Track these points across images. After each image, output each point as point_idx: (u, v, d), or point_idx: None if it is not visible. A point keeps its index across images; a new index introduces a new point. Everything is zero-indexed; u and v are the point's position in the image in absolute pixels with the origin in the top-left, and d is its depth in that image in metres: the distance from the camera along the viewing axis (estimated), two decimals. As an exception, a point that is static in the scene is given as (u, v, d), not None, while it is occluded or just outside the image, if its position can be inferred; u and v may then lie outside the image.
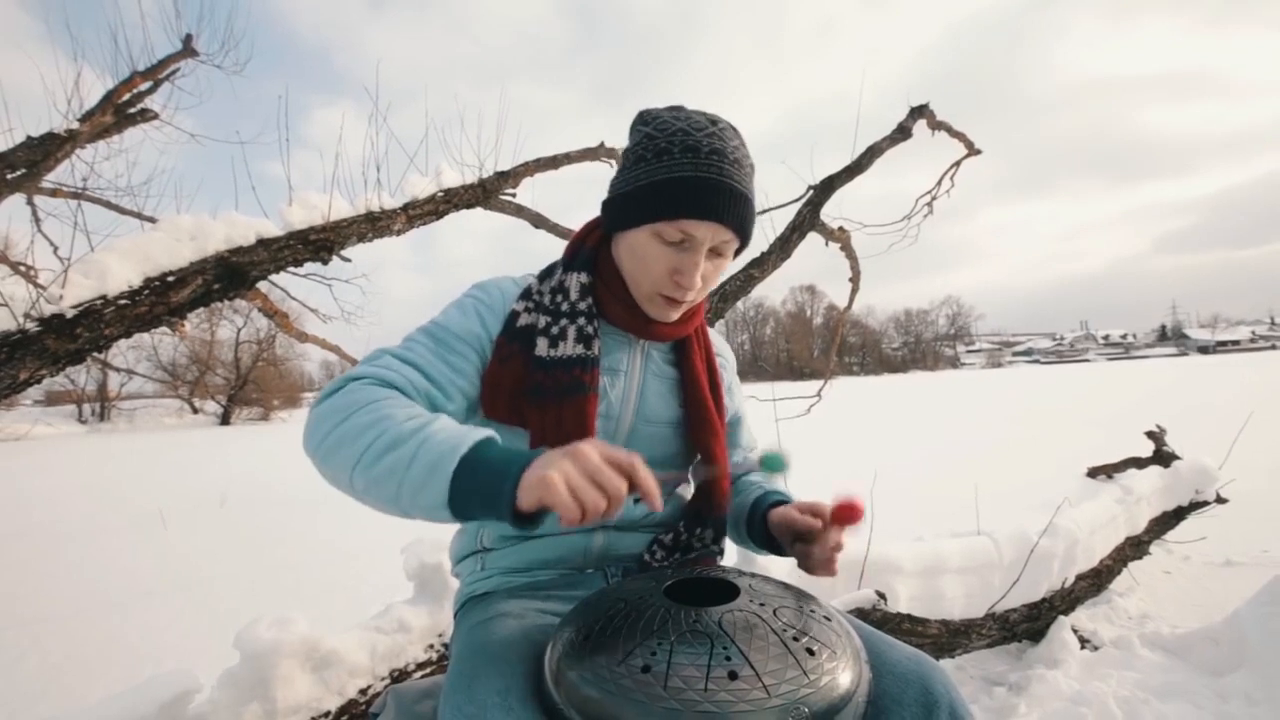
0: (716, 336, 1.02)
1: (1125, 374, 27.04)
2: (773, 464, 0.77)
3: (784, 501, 0.88)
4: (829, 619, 0.64)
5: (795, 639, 0.58)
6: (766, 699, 0.52)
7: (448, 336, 0.79)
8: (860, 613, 1.53)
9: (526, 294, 0.84)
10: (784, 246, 2.55)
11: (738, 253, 0.82)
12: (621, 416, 0.85)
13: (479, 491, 0.58)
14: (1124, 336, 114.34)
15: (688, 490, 0.96)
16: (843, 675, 0.56)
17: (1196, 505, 2.52)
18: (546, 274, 0.86)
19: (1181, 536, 2.61)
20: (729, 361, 1.02)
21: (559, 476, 0.54)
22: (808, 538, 0.78)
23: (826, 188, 2.65)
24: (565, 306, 0.82)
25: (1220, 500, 2.56)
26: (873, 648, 0.68)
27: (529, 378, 0.79)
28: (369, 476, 0.62)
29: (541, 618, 0.77)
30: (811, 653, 0.57)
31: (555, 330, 0.80)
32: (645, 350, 0.88)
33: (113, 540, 4.35)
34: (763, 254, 2.51)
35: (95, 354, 1.88)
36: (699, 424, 0.87)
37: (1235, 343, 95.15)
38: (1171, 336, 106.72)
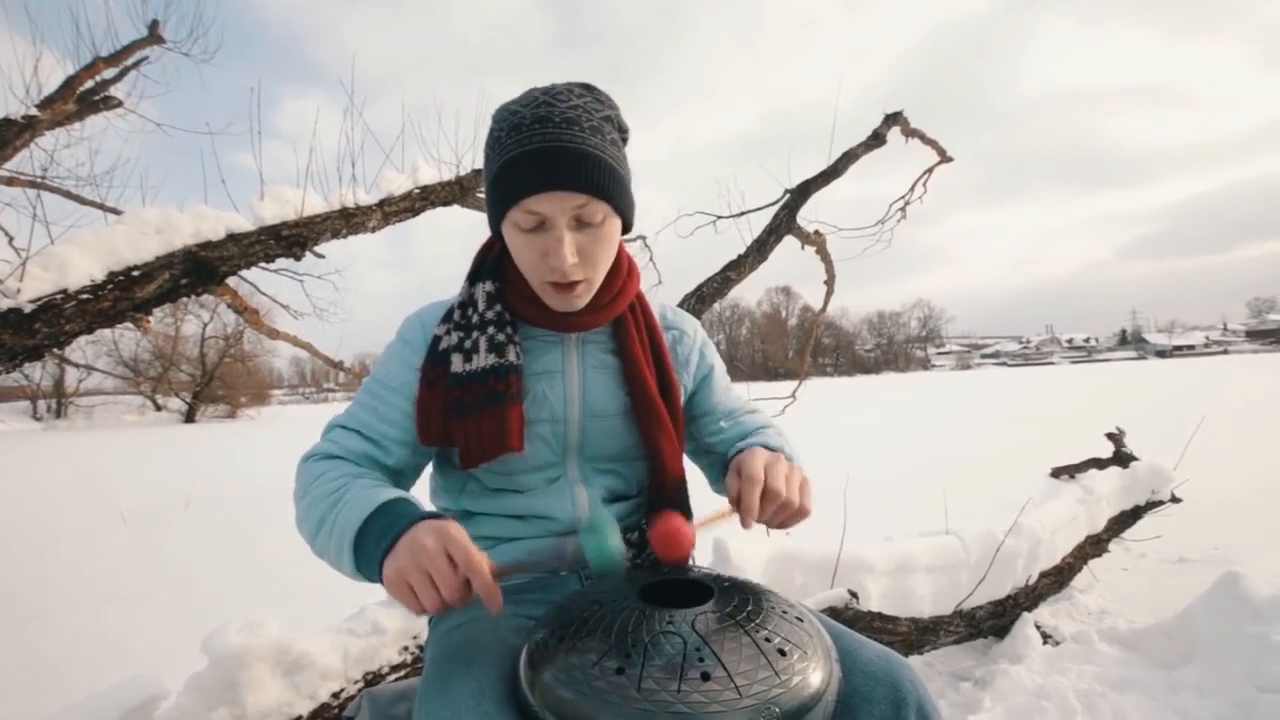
0: (675, 311, 0.98)
1: (1088, 376, 27.88)
2: (596, 557, 0.67)
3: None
4: (801, 620, 0.65)
5: (767, 640, 0.59)
6: (738, 699, 0.53)
7: (380, 389, 0.82)
8: (833, 611, 1.56)
9: (448, 315, 0.83)
10: (761, 249, 2.58)
11: (625, 218, 0.78)
12: (569, 417, 0.84)
13: (370, 570, 0.64)
14: (1087, 340, 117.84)
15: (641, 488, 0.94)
16: (813, 675, 0.58)
17: (1153, 504, 2.62)
18: (460, 292, 0.86)
19: (1138, 535, 2.71)
20: (686, 332, 0.96)
21: (394, 572, 0.60)
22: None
23: (803, 192, 2.69)
24: (475, 319, 0.81)
25: (1175, 500, 2.66)
26: (843, 646, 0.70)
27: (451, 396, 0.79)
28: (319, 553, 0.71)
29: (516, 620, 0.77)
30: (783, 653, 0.58)
31: (468, 344, 0.80)
32: (580, 345, 0.86)
33: (73, 543, 4.21)
34: (740, 256, 2.54)
35: (54, 350, 1.82)
36: (642, 415, 0.85)
37: (1190, 347, 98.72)
38: (1131, 341, 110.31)
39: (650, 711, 0.52)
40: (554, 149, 0.70)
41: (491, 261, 0.85)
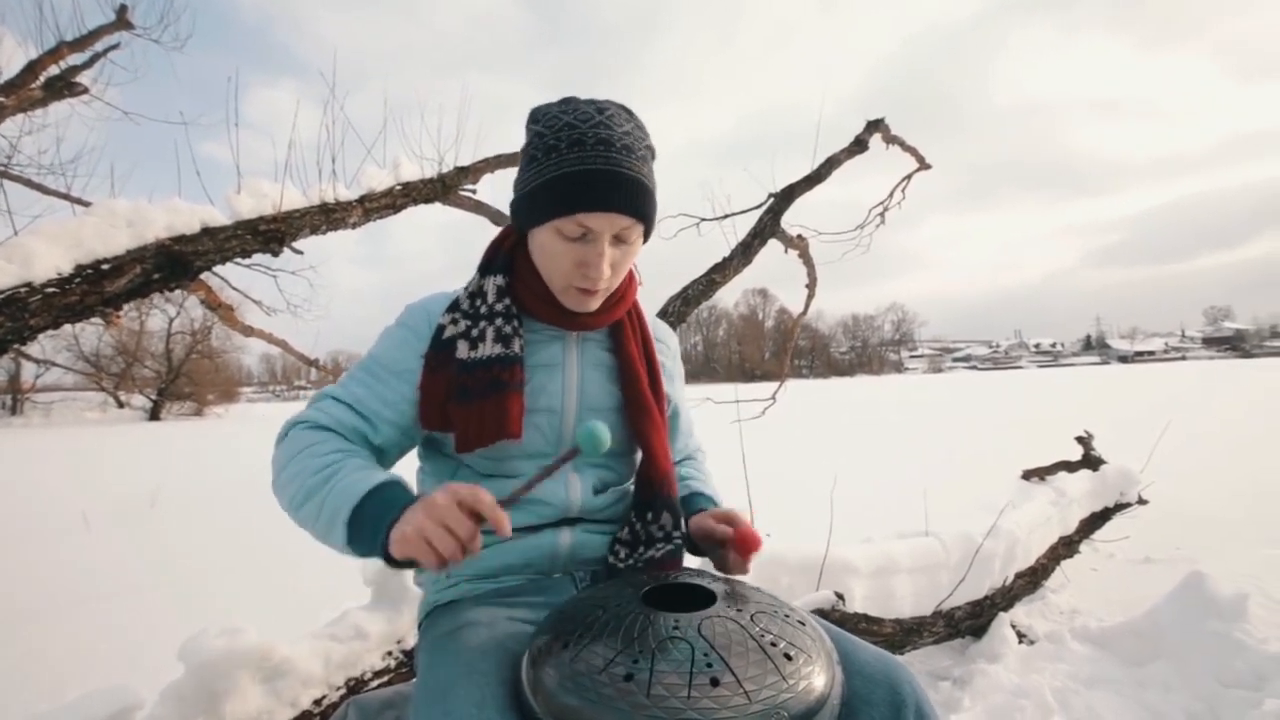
0: (657, 323, 1.04)
1: (1055, 380, 28.62)
2: (589, 442, 0.70)
3: (706, 507, 0.94)
4: (803, 623, 0.65)
5: (773, 644, 0.59)
6: (748, 705, 0.53)
7: (378, 369, 0.85)
8: (820, 613, 1.58)
9: (454, 305, 0.86)
10: (745, 252, 2.59)
11: (646, 236, 0.84)
12: (565, 410, 0.87)
13: (365, 542, 0.68)
14: (1053, 345, 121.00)
15: (629, 482, 0.96)
16: (818, 679, 0.58)
17: (1121, 506, 2.69)
18: (470, 283, 0.89)
19: (1107, 536, 2.78)
20: (670, 347, 1.04)
21: (412, 530, 0.63)
22: (723, 543, 0.85)
23: (787, 196, 2.71)
24: (484, 309, 0.85)
25: (1142, 502, 2.74)
26: (842, 649, 0.70)
27: (455, 382, 0.81)
28: (299, 520, 0.74)
29: (513, 625, 0.76)
30: (789, 657, 0.58)
31: (475, 333, 0.83)
32: (580, 342, 0.90)
33: (32, 545, 4.03)
34: (725, 259, 2.55)
35: (17, 345, 1.76)
36: (634, 409, 0.89)
37: (1151, 353, 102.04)
38: (1095, 346, 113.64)
39: (660, 719, 0.51)
40: (617, 174, 0.76)
41: (503, 256, 0.88)
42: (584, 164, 0.75)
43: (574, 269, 0.80)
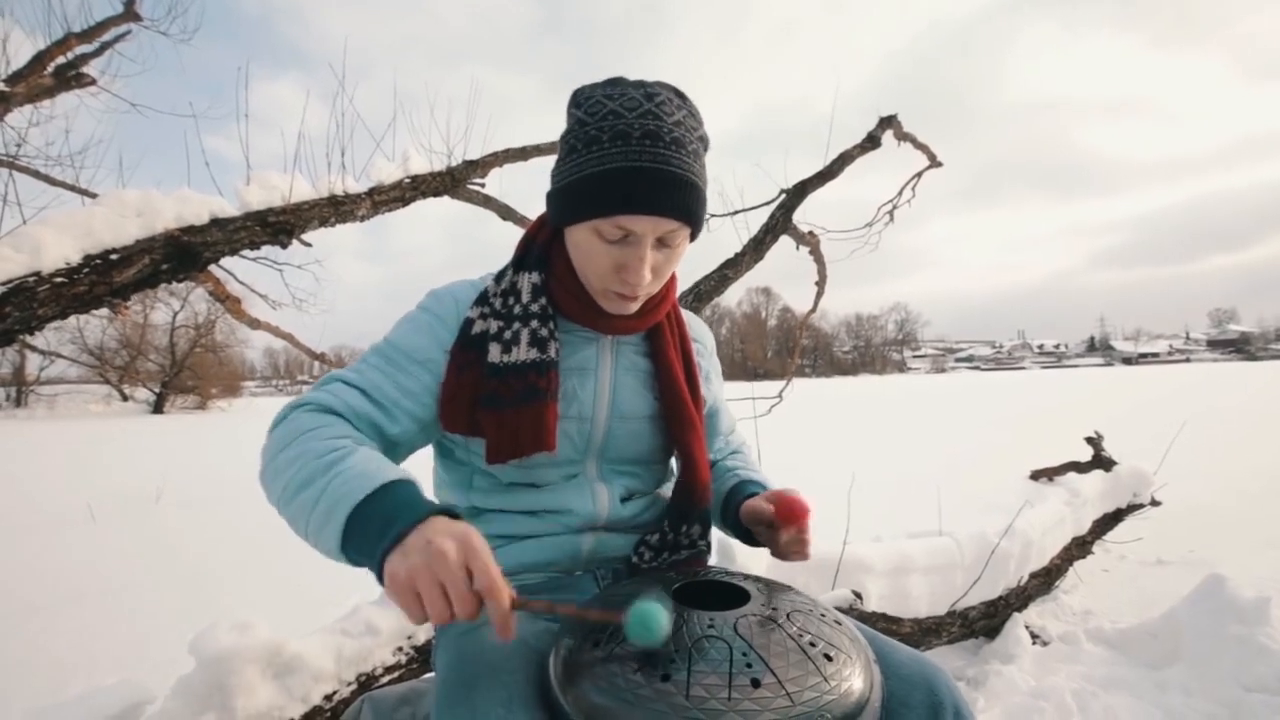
0: (693, 319, 0.99)
1: (1059, 381, 28.52)
2: (640, 630, 0.54)
3: (758, 492, 0.88)
4: (839, 623, 0.63)
5: (812, 644, 0.57)
6: (791, 707, 0.51)
7: (397, 355, 0.78)
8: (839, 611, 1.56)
9: (482, 298, 0.81)
10: (757, 248, 2.56)
11: (693, 238, 0.78)
12: (596, 416, 0.83)
13: (361, 549, 0.57)
14: (1057, 346, 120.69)
15: (668, 489, 0.94)
16: (858, 680, 0.56)
17: (1134, 508, 2.66)
18: (500, 276, 0.83)
19: (1118, 537, 2.76)
20: (707, 345, 1.00)
21: (405, 575, 0.52)
22: (775, 524, 0.80)
23: (799, 192, 2.68)
24: (518, 309, 0.79)
25: (1155, 503, 2.72)
26: (877, 650, 0.68)
27: (484, 386, 0.76)
28: (288, 514, 0.63)
29: (535, 623, 0.74)
30: (829, 658, 0.56)
31: (508, 335, 0.77)
32: (615, 344, 0.86)
33: (37, 537, 4.03)
34: (737, 255, 2.52)
35: (25, 335, 1.74)
36: (675, 419, 0.85)
37: (1155, 355, 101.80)
38: (1099, 348, 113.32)
39: (701, 721, 0.49)
40: (663, 174, 0.69)
41: (538, 250, 0.82)
42: (628, 160, 0.68)
43: (612, 273, 0.74)
